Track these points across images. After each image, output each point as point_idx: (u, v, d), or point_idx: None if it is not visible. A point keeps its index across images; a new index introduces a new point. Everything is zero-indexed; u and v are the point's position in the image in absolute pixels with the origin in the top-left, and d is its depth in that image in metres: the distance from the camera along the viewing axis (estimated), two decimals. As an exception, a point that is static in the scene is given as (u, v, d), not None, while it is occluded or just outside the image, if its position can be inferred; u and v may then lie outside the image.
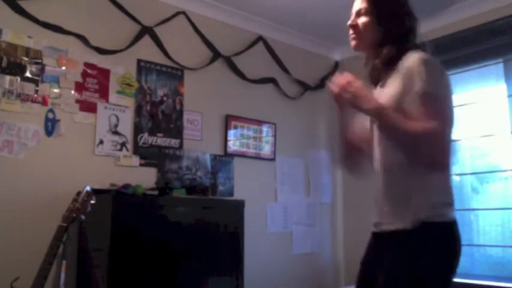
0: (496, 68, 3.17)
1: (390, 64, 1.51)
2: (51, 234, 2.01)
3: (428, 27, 3.40)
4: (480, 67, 3.23)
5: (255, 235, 3.16)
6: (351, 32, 1.59)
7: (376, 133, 1.55)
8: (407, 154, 1.42)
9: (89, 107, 2.72)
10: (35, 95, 2.53)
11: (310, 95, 3.92)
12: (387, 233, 1.48)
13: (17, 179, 2.43)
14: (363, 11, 1.55)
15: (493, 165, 3.25)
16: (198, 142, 3.19)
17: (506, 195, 3.11)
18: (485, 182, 3.29)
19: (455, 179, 3.39)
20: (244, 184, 3.35)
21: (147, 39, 3.02)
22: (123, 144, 2.83)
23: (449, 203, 1.44)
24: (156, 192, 2.60)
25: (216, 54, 3.34)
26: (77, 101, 2.68)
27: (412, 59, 1.43)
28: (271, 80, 3.67)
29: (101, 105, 2.77)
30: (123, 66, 2.89)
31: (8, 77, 2.46)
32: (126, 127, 2.86)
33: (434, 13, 3.30)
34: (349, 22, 1.60)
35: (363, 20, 1.55)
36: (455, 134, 1.46)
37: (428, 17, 3.32)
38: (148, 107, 2.98)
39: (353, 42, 1.58)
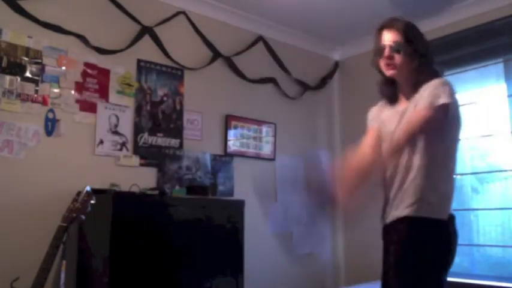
0: (496, 68, 3.17)
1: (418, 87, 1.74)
2: (51, 234, 2.01)
3: (428, 27, 3.39)
4: (480, 67, 3.23)
5: (255, 235, 3.16)
6: (388, 62, 1.75)
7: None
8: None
9: (89, 107, 2.72)
10: (35, 95, 2.53)
11: (310, 95, 3.92)
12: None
13: (17, 179, 2.43)
14: (396, 45, 1.73)
15: (493, 165, 3.25)
16: (198, 142, 3.19)
17: (506, 195, 3.11)
18: (485, 182, 3.29)
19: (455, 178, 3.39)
20: (244, 184, 3.35)
21: (147, 39, 3.02)
22: (123, 144, 2.83)
23: None
24: (156, 192, 2.60)
25: (216, 54, 3.34)
26: (77, 101, 2.68)
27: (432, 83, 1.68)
28: (271, 80, 3.67)
29: (101, 105, 2.77)
30: (123, 66, 2.89)
31: (8, 77, 2.46)
32: (126, 127, 2.86)
33: (434, 13, 3.30)
34: (386, 54, 1.75)
35: (399, 54, 1.73)
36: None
37: (428, 17, 3.33)
38: (148, 107, 2.98)
39: (390, 71, 1.76)
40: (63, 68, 2.65)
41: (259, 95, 3.60)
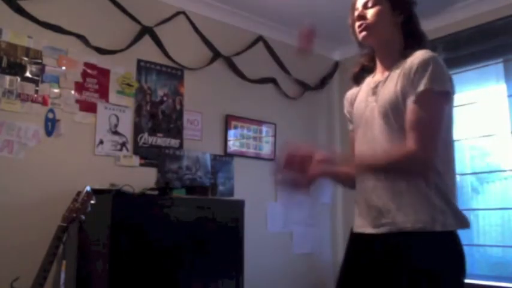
0: (496, 68, 3.17)
1: (397, 57, 1.48)
2: (51, 234, 2.01)
3: (428, 27, 3.38)
4: (480, 67, 3.23)
5: (255, 235, 3.16)
6: (358, 23, 1.49)
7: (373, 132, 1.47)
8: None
9: (89, 107, 2.72)
10: (35, 95, 2.53)
11: (310, 95, 3.92)
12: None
13: (17, 179, 2.43)
14: (371, 3, 1.48)
15: (493, 165, 3.25)
16: (198, 142, 3.19)
17: (506, 195, 3.11)
18: (485, 182, 3.29)
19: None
20: (244, 184, 3.35)
21: (147, 39, 3.02)
22: (123, 144, 2.83)
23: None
24: (156, 192, 2.60)
25: (216, 54, 3.34)
26: (77, 101, 2.68)
27: (419, 56, 1.40)
28: (271, 80, 3.67)
29: (101, 105, 2.77)
30: (123, 66, 2.89)
31: (8, 77, 2.46)
32: (126, 127, 2.86)
33: (434, 13, 3.30)
34: (357, 13, 1.50)
35: (374, 9, 1.47)
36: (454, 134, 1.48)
37: (428, 17, 3.32)
38: (148, 107, 2.98)
39: (363, 33, 1.49)
40: (63, 68, 2.65)
41: (259, 95, 3.60)
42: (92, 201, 2.09)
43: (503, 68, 3.14)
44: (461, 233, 1.39)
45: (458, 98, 1.56)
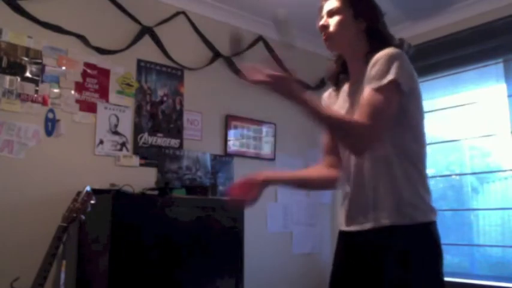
0: (496, 68, 3.17)
1: (363, 63, 1.50)
2: (51, 234, 2.01)
3: (428, 27, 3.41)
4: (480, 67, 3.23)
5: (255, 235, 3.16)
6: (322, 33, 1.58)
7: None
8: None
9: (89, 107, 2.72)
10: (35, 95, 2.53)
11: (310, 95, 3.92)
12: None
13: (17, 179, 2.43)
14: (334, 10, 1.53)
15: (493, 165, 3.25)
16: (198, 142, 3.19)
17: (506, 195, 3.11)
18: (485, 182, 3.29)
19: (455, 178, 3.39)
20: (244, 184, 3.35)
21: (147, 39, 3.02)
22: (123, 144, 2.83)
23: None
24: (156, 192, 2.60)
25: (216, 54, 3.34)
26: (77, 101, 2.68)
27: (382, 52, 1.41)
28: (271, 80, 3.67)
29: (101, 105, 2.77)
30: (123, 66, 2.89)
31: (8, 77, 2.46)
32: (126, 127, 2.86)
33: (434, 13, 3.31)
34: (321, 23, 1.56)
35: (335, 19, 1.53)
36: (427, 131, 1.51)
37: (428, 17, 3.33)
38: (148, 107, 2.98)
39: (326, 43, 1.59)
40: (63, 68, 2.65)
41: (259, 95, 3.58)
42: (92, 201, 2.09)
43: (503, 68, 3.14)
44: (461, 234, 1.40)
45: (458, 98, 1.56)
